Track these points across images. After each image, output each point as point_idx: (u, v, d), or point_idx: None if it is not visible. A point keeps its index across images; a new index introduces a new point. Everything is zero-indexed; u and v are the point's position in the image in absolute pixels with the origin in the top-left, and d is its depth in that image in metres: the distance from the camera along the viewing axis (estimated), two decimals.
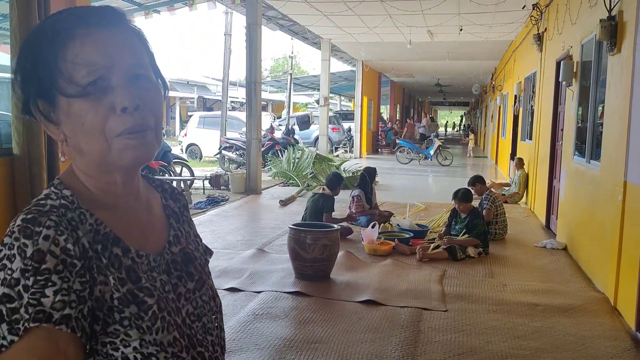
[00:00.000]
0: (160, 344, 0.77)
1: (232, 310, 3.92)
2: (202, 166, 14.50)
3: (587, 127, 5.50)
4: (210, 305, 0.90)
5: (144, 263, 0.82)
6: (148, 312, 0.78)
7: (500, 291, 4.52)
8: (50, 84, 0.78)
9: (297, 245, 4.62)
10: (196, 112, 20.11)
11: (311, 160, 11.93)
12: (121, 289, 0.77)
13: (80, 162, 0.83)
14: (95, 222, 0.79)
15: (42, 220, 0.73)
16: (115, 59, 0.78)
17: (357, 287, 4.48)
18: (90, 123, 0.78)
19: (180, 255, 0.89)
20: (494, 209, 6.42)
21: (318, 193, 6.27)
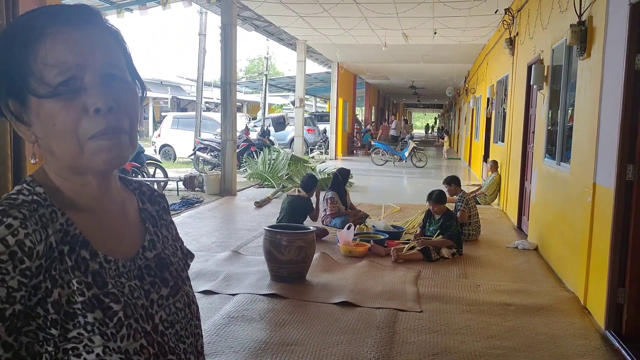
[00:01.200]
0: (125, 352, 0.75)
1: (207, 314, 3.87)
2: (176, 167, 14.33)
3: (558, 130, 5.61)
4: (185, 312, 0.88)
5: (111, 268, 0.80)
6: (113, 319, 0.76)
7: (474, 291, 4.57)
8: (21, 84, 0.76)
9: (272, 247, 4.60)
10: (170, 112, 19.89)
11: (287, 161, 11.91)
12: (86, 293, 0.74)
13: (52, 163, 0.81)
14: (65, 222, 0.77)
15: (11, 212, 0.71)
16: (88, 58, 0.77)
17: (333, 289, 4.48)
18: (62, 124, 0.76)
19: (154, 260, 0.87)
20: (467, 210, 6.51)
21: (293, 195, 6.25)
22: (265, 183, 11.23)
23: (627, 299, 3.69)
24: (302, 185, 6.47)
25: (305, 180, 6.61)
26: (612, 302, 3.73)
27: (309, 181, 6.52)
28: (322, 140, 21.21)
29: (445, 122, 39.19)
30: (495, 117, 11.31)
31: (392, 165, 17.01)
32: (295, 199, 6.18)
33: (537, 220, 6.23)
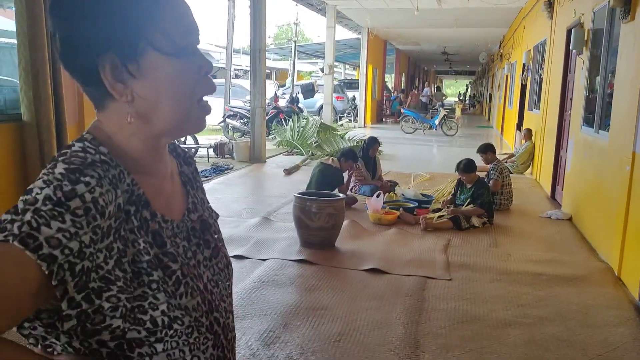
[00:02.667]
0: (185, 308, 0.78)
1: (238, 278, 3.96)
2: (206, 134, 14.44)
3: (597, 97, 5.43)
4: (225, 272, 0.91)
5: (168, 229, 0.81)
6: (172, 277, 0.78)
7: (505, 261, 4.55)
8: (137, 40, 0.75)
9: (302, 214, 4.63)
10: None
11: (315, 129, 11.87)
12: (151, 252, 0.76)
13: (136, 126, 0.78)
14: (131, 182, 0.77)
15: (87, 171, 0.71)
16: (195, 23, 0.81)
17: (362, 256, 4.52)
18: (186, 85, 0.78)
19: (198, 222, 0.89)
20: (501, 180, 6.40)
21: (325, 163, 6.21)
22: (294, 150, 11.24)
23: None
24: (340, 155, 6.35)
25: (346, 151, 6.43)
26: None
27: (348, 153, 6.34)
28: (351, 107, 21.03)
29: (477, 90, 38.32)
30: (530, 83, 11.00)
31: (422, 134, 16.80)
32: (327, 168, 6.14)
33: (571, 190, 6.11)
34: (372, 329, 3.20)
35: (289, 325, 3.20)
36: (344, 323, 3.26)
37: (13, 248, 0.63)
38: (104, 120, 0.79)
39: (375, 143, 7.14)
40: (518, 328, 3.28)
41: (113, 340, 0.72)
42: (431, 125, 17.23)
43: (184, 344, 0.78)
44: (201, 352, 0.81)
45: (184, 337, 0.78)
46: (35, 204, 0.66)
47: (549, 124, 8.04)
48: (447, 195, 6.60)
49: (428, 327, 3.26)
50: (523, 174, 9.31)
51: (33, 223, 0.65)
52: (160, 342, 0.75)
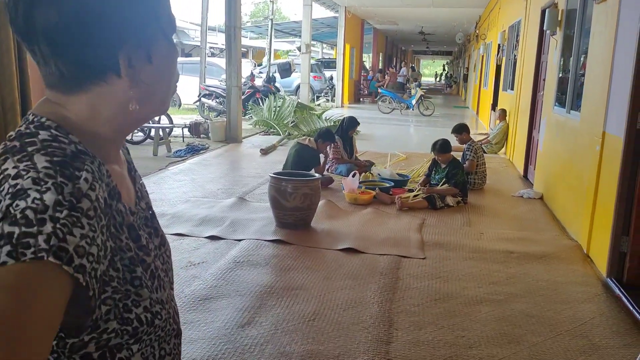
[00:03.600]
0: (161, 302, 0.77)
1: (213, 258, 3.94)
2: (181, 114, 14.24)
3: (569, 78, 5.49)
4: (170, 261, 0.89)
5: (136, 220, 0.78)
6: (148, 271, 0.76)
7: (477, 239, 4.61)
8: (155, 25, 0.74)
9: (277, 194, 4.61)
10: None
11: (292, 109, 11.80)
12: (132, 247, 0.73)
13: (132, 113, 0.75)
14: (107, 172, 0.72)
15: (77, 165, 0.65)
16: None
17: (338, 236, 4.53)
18: (175, 68, 0.79)
19: (147, 210, 0.85)
20: (475, 160, 6.45)
21: (302, 144, 6.18)
22: (270, 130, 11.17)
23: (630, 247, 3.70)
24: (316, 136, 6.32)
25: (321, 132, 6.40)
26: (615, 250, 3.76)
27: (323, 133, 6.31)
28: (328, 87, 20.93)
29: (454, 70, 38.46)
30: (505, 64, 11.07)
31: (399, 114, 16.83)
32: (303, 148, 6.11)
33: (543, 169, 6.20)
34: (346, 307, 3.23)
35: (263, 305, 3.20)
36: (319, 302, 3.28)
37: (49, 265, 0.58)
38: (71, 104, 0.72)
39: (356, 125, 7.13)
40: (489, 305, 3.34)
41: (97, 351, 0.69)
42: (408, 105, 17.27)
43: (155, 339, 0.76)
44: (166, 343, 0.80)
45: (159, 332, 0.76)
46: (47, 211, 0.60)
47: (522, 104, 8.12)
48: (423, 175, 6.64)
49: (402, 305, 3.29)
50: (497, 153, 9.42)
51: (59, 234, 0.59)
52: (137, 343, 0.73)
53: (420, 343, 2.86)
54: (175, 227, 4.59)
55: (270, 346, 2.76)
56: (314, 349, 2.75)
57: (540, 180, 6.34)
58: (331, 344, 2.80)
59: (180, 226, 4.62)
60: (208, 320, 3.00)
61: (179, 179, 6.53)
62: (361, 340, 2.85)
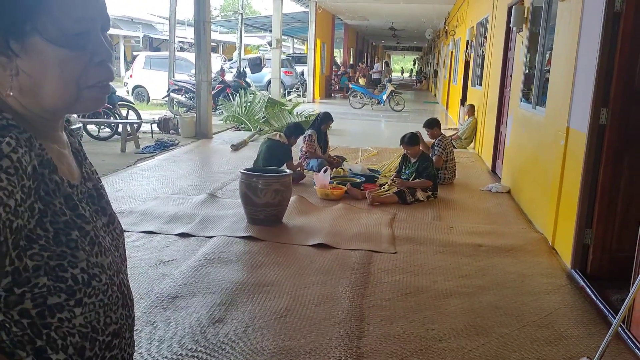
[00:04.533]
0: (101, 266, 0.83)
1: (183, 255, 3.89)
2: (150, 109, 14.02)
3: (535, 74, 5.60)
4: (121, 239, 0.95)
5: (75, 193, 0.85)
6: (87, 237, 0.82)
7: (447, 233, 4.68)
8: (24, 22, 0.76)
9: (248, 190, 4.59)
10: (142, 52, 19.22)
11: (263, 104, 11.75)
12: (67, 213, 0.80)
13: (27, 98, 0.80)
14: (39, 146, 0.79)
15: (3, 133, 0.73)
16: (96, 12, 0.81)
17: (309, 231, 4.53)
18: (69, 72, 0.79)
19: (93, 190, 0.92)
20: (444, 155, 6.53)
21: (273, 139, 6.15)
22: (241, 126, 11.10)
23: (593, 240, 3.81)
24: (287, 130, 6.30)
25: (291, 126, 6.41)
26: (579, 243, 3.86)
27: (293, 128, 6.32)
28: (299, 82, 20.87)
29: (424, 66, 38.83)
30: (474, 60, 11.23)
31: (370, 109, 16.91)
32: (274, 144, 6.08)
33: (510, 163, 6.32)
34: (318, 303, 3.23)
35: (234, 303, 3.18)
36: (290, 298, 3.27)
37: None
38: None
39: (330, 120, 7.14)
40: (458, 298, 3.39)
41: (35, 308, 0.74)
42: (379, 101, 17.37)
43: (99, 305, 0.82)
44: (112, 312, 0.85)
45: (100, 296, 0.81)
46: None
47: (490, 99, 8.26)
48: (394, 170, 6.68)
49: (373, 300, 3.32)
50: (466, 148, 9.56)
51: None
52: (79, 306, 0.78)
53: (391, 337, 2.89)
54: (144, 225, 4.51)
55: (241, 343, 2.75)
56: (286, 345, 2.75)
57: (507, 175, 6.47)
58: (303, 340, 2.81)
59: (150, 223, 4.55)
60: (178, 319, 2.97)
61: (148, 176, 6.43)
62: (333, 335, 2.86)
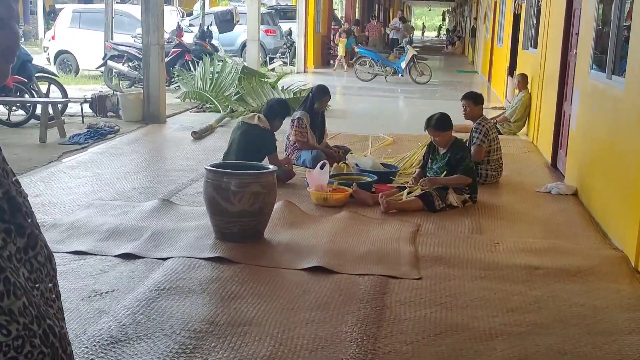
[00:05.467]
0: (9, 313, 0.80)
1: (127, 285, 3.89)
2: (80, 83, 14.00)
3: (610, 31, 5.62)
4: (47, 268, 0.93)
5: None
6: None
7: (491, 251, 4.69)
8: None
9: (217, 193, 4.59)
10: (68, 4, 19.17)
11: (236, 75, 11.76)
12: None
13: None
14: None
15: None
16: None
17: (301, 250, 4.54)
18: None
19: (5, 201, 0.89)
20: (486, 144, 6.51)
21: (250, 123, 6.14)
22: (206, 106, 11.11)
23: None
24: (266, 110, 6.30)
25: (271, 104, 6.40)
26: None
27: (275, 106, 6.30)
28: (286, 46, 20.89)
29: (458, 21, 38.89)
30: (526, 12, 11.26)
31: (384, 81, 16.94)
32: (251, 129, 6.07)
33: (577, 155, 6.35)
34: (314, 349, 3.24)
35: (199, 349, 3.19)
36: (276, 343, 3.28)
37: None
38: None
39: (325, 95, 7.14)
40: (507, 340, 3.40)
41: None
42: (396, 70, 17.40)
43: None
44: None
45: (11, 353, 0.79)
46: None
47: (548, 67, 8.28)
48: (417, 165, 6.69)
49: (390, 344, 3.32)
50: (517, 135, 9.60)
51: None
52: None
53: None
54: (73, 243, 4.51)
55: None
56: None
57: (573, 170, 6.49)
58: None
59: (80, 241, 4.55)
60: None
61: (78, 175, 6.42)
62: None
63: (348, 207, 5.60)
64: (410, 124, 10.18)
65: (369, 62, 17.55)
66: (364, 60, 17.68)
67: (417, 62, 17.01)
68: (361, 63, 17.65)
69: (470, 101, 6.70)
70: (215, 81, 11.51)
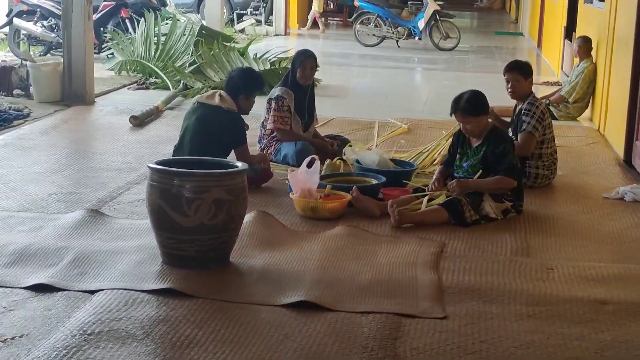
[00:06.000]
0: None
1: (41, 328, 3.88)
2: None
3: None
4: None
5: None
6: None
7: (543, 280, 4.70)
8: None
9: (165, 201, 4.58)
10: None
11: (192, 39, 11.80)
12: None
13: None
14: None
15: None
16: None
17: (281, 280, 4.54)
18: None
19: None
20: (539, 133, 6.51)
21: (208, 104, 6.14)
22: (150, 80, 11.15)
23: None
24: (229, 85, 6.34)
25: (233, 76, 6.45)
26: None
27: (237, 78, 6.34)
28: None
29: None
30: None
31: (395, 46, 16.96)
32: (211, 112, 6.09)
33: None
34: None
35: None
36: None
37: None
38: None
39: (306, 58, 7.10)
40: None
41: None
42: (412, 31, 17.40)
43: None
44: None
45: None
46: None
47: (620, 28, 8.31)
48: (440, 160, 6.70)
49: None
50: (577, 120, 9.62)
51: None
52: None
53: None
54: None
55: None
56: None
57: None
58: None
59: None
60: None
61: None
62: None
63: (346, 219, 5.62)
64: (431, 105, 10.21)
65: (375, 20, 17.53)
66: (368, 17, 17.65)
67: (440, 21, 17.01)
68: (363, 22, 17.63)
69: (517, 73, 6.65)
70: (163, 47, 11.51)
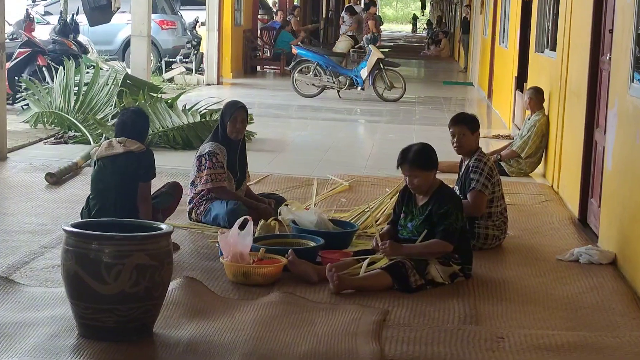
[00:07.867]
0: None
1: None
2: None
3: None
4: None
5: None
6: None
7: (493, 350, 4.71)
8: None
9: (82, 267, 4.54)
10: None
11: (115, 89, 11.81)
12: None
13: None
14: None
15: None
16: None
17: (211, 352, 4.52)
18: None
19: None
20: (488, 190, 6.59)
21: (114, 154, 6.10)
22: (69, 134, 11.09)
23: None
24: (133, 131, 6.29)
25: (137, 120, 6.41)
26: None
27: (138, 120, 6.38)
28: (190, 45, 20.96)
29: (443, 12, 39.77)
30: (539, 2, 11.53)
31: (336, 96, 17.08)
32: (127, 159, 6.12)
33: (615, 206, 6.44)
34: None
35: None
36: None
37: None
38: None
39: (238, 110, 7.13)
40: None
41: None
42: (354, 81, 17.51)
43: None
44: None
45: None
46: None
47: (572, 79, 8.45)
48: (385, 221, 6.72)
49: None
50: (529, 175, 9.73)
51: None
52: None
53: None
54: None
55: None
56: None
57: (610, 228, 6.59)
58: None
59: None
60: None
61: None
62: None
63: (281, 285, 5.61)
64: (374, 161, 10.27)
65: (314, 68, 17.61)
66: (307, 66, 17.73)
67: (384, 70, 17.16)
68: (302, 70, 17.72)
69: (464, 127, 6.71)
70: (84, 98, 11.47)
